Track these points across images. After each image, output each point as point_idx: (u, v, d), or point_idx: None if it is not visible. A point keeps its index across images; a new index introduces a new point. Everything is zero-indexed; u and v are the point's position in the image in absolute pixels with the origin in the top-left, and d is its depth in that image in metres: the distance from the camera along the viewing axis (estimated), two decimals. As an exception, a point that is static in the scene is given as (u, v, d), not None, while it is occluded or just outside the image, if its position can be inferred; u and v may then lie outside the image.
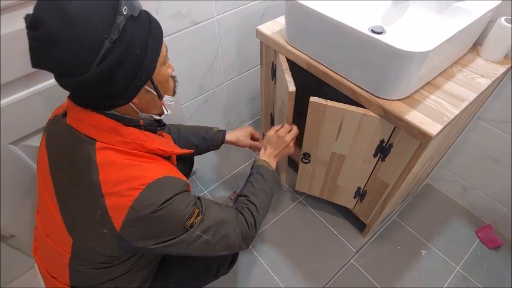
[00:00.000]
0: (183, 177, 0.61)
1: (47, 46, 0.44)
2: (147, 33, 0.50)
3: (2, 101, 0.70)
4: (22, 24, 0.44)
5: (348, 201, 1.14)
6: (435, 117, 0.72)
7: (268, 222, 1.27)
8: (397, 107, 0.75)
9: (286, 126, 0.91)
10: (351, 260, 1.18)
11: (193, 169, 1.10)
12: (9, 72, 0.68)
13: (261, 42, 1.07)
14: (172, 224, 0.56)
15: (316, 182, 1.13)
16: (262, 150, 0.89)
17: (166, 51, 0.57)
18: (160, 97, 0.58)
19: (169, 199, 0.54)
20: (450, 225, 1.28)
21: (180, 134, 0.94)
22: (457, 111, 0.74)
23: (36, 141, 0.81)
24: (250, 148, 1.05)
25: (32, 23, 0.43)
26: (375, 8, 0.92)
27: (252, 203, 0.74)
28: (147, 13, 0.52)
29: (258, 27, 1.02)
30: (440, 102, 0.76)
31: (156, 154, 0.61)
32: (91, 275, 0.61)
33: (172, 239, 0.57)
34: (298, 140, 0.98)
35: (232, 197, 1.32)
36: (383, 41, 0.68)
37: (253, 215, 0.72)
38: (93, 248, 0.57)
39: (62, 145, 0.58)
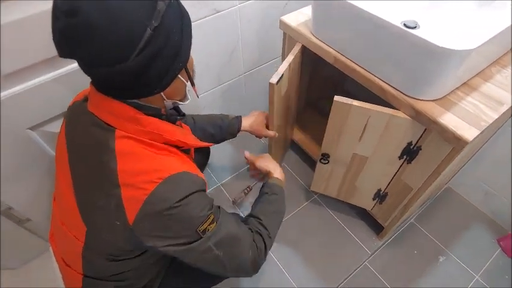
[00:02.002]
0: (201, 175, 0.58)
1: (84, 35, 0.41)
2: (180, 19, 0.48)
3: (20, 87, 0.69)
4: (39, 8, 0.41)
5: (366, 202, 1.10)
6: (472, 121, 0.68)
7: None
8: (430, 109, 0.71)
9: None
10: (365, 262, 1.15)
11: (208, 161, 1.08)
12: (27, 57, 0.66)
13: (284, 34, 1.02)
14: (184, 225, 0.53)
15: (333, 182, 1.09)
16: (271, 172, 0.86)
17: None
18: (193, 84, 0.57)
19: (186, 197, 0.52)
20: (470, 231, 1.23)
21: (195, 124, 0.92)
22: (495, 116, 0.69)
23: (54, 127, 0.80)
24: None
25: (69, 10, 0.40)
26: (409, 2, 0.86)
27: (264, 227, 0.70)
28: None
29: (282, 17, 0.98)
30: (477, 105, 0.71)
31: (176, 146, 0.59)
32: (102, 266, 0.61)
33: (183, 244, 0.54)
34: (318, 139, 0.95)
35: (246, 190, 1.30)
36: (420, 36, 0.63)
37: (264, 241, 0.68)
38: (106, 239, 0.56)
39: (81, 131, 0.56)
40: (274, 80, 0.84)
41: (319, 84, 1.33)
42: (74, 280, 0.64)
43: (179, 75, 0.53)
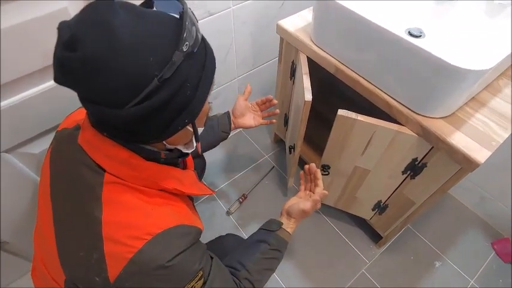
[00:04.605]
0: (198, 222, 0.52)
1: (81, 70, 0.36)
2: (201, 69, 0.42)
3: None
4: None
5: (365, 212, 1.08)
6: (482, 141, 0.65)
7: (278, 227, 1.22)
8: (439, 127, 0.67)
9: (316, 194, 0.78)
10: (362, 270, 1.14)
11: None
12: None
13: (281, 39, 0.96)
14: (171, 285, 0.47)
15: (333, 193, 1.06)
16: (285, 217, 0.74)
17: (213, 84, 0.47)
18: (197, 140, 0.51)
19: (178, 255, 0.46)
20: (466, 235, 1.23)
21: None
22: (506, 135, 0.66)
23: (33, 148, 0.73)
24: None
25: (69, 41, 0.35)
26: (414, 9, 0.81)
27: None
28: (203, 40, 0.43)
29: (280, 22, 0.92)
30: (487, 122, 0.68)
31: (172, 193, 0.53)
32: None
33: None
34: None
35: (241, 199, 1.26)
36: (432, 52, 0.59)
37: None
38: None
39: (67, 166, 0.50)
40: (309, 97, 0.77)
41: (315, 86, 1.28)
42: None
43: (188, 128, 0.47)
